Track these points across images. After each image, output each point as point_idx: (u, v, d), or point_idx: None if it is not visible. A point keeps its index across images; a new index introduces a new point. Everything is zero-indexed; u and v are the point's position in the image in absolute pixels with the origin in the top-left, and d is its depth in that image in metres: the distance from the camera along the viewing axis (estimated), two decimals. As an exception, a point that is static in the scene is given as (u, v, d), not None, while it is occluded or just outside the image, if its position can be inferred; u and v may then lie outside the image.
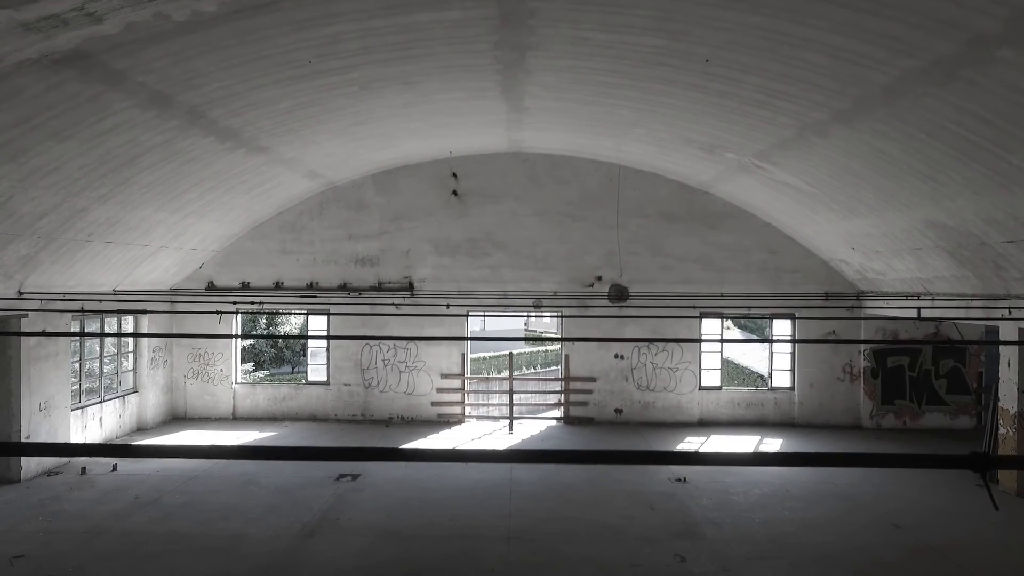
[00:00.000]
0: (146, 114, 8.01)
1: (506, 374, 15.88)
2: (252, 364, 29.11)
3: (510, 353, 16.02)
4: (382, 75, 8.81)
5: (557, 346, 21.97)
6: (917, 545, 8.36)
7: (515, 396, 15.18)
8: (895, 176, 9.22)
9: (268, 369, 31.01)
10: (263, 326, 31.62)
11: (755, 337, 46.94)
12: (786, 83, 7.85)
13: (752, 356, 34.05)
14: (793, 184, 11.69)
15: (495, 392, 16.82)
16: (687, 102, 9.47)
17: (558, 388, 15.65)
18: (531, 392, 16.85)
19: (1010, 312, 10.52)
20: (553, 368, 30.86)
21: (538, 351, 49.95)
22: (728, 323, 59.93)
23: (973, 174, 7.99)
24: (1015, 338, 10.42)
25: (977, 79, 6.23)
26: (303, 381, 16.01)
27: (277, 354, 31.95)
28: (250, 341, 29.17)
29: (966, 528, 8.98)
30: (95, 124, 7.75)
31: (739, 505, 9.76)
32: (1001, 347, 10.80)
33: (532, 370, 38.98)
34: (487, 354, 41.86)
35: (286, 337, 11.66)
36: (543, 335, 61.82)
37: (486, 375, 31.66)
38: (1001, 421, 10.68)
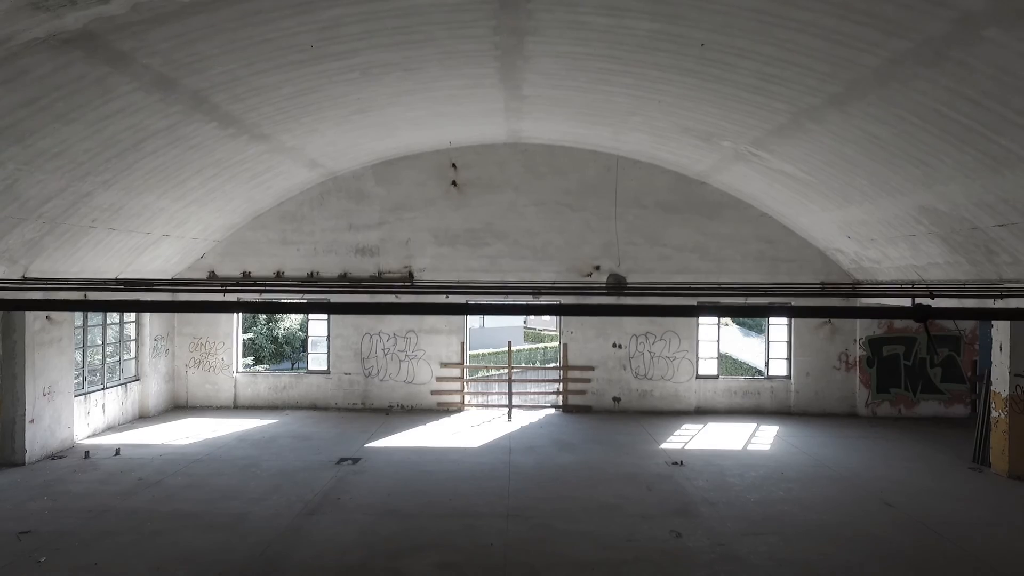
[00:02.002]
0: (150, 98, 8.14)
1: (505, 368, 16.00)
2: (252, 359, 29.21)
3: (508, 343, 16.15)
4: (383, 61, 8.93)
5: (556, 343, 22.12)
6: (908, 521, 8.50)
7: (514, 389, 15.31)
8: (888, 161, 9.35)
9: (267, 364, 31.12)
10: (263, 322, 31.75)
11: (753, 333, 47.17)
12: (780, 67, 7.97)
13: (750, 351, 34.32)
14: (788, 172, 11.82)
15: (494, 380, 16.96)
16: (683, 88, 9.60)
17: (556, 377, 15.78)
18: (530, 381, 16.96)
19: (1002, 296, 10.67)
20: (552, 365, 31.03)
21: (537, 348, 50.21)
22: (727, 320, 60.28)
23: (964, 157, 8.12)
24: (1007, 323, 10.56)
25: (966, 60, 6.35)
26: (304, 370, 16.14)
27: (277, 350, 32.05)
28: (250, 335, 29.26)
29: (956, 507, 9.12)
30: (100, 107, 7.87)
31: (734, 486, 9.89)
32: (993, 333, 10.93)
33: (532, 366, 39.18)
34: (487, 350, 42.05)
35: (289, 290, 11.66)
36: (542, 332, 62.02)
37: (486, 370, 31.79)
38: (994, 405, 10.82)
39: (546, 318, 68.00)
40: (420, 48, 8.63)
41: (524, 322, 68.58)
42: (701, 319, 15.52)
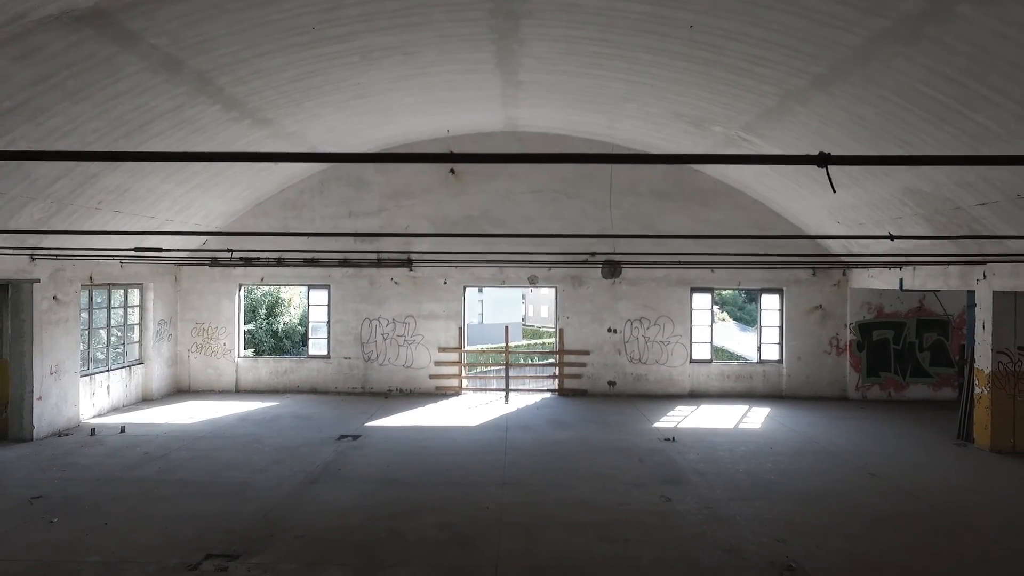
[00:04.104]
0: (157, 78, 8.39)
1: (503, 362, 16.28)
2: (252, 352, 29.43)
3: (506, 328, 16.44)
4: (382, 44, 9.19)
5: (553, 339, 22.47)
6: (891, 489, 8.80)
7: (511, 374, 15.58)
8: (873, 142, 9.62)
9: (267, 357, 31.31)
10: (263, 316, 32.00)
11: (749, 328, 47.49)
12: (767, 48, 8.24)
13: (747, 345, 34.80)
14: (779, 157, 12.08)
15: (492, 364, 17.22)
16: (675, 72, 9.87)
17: (553, 361, 16.05)
18: (526, 365, 17.24)
19: (985, 277, 10.97)
20: (550, 361, 31.26)
21: (535, 343, 50.55)
22: (724, 315, 60.23)
23: (944, 136, 8.40)
24: (990, 301, 10.85)
25: (941, 37, 6.63)
26: (304, 355, 16.42)
27: (277, 344, 32.33)
28: (250, 326, 29.46)
29: (939, 477, 9.41)
30: (109, 87, 8.12)
31: (724, 459, 10.18)
32: (977, 312, 11.21)
33: (530, 353, 39.61)
34: (485, 346, 42.38)
35: (299, 235, 11.81)
36: (541, 328, 62.29)
37: (485, 375, 32.05)
38: (977, 382, 11.11)
39: (544, 314, 68.37)
40: (419, 31, 8.89)
41: (523, 319, 68.96)
42: (695, 305, 15.80)
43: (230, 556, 6.56)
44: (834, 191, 3.44)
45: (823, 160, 2.62)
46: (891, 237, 6.01)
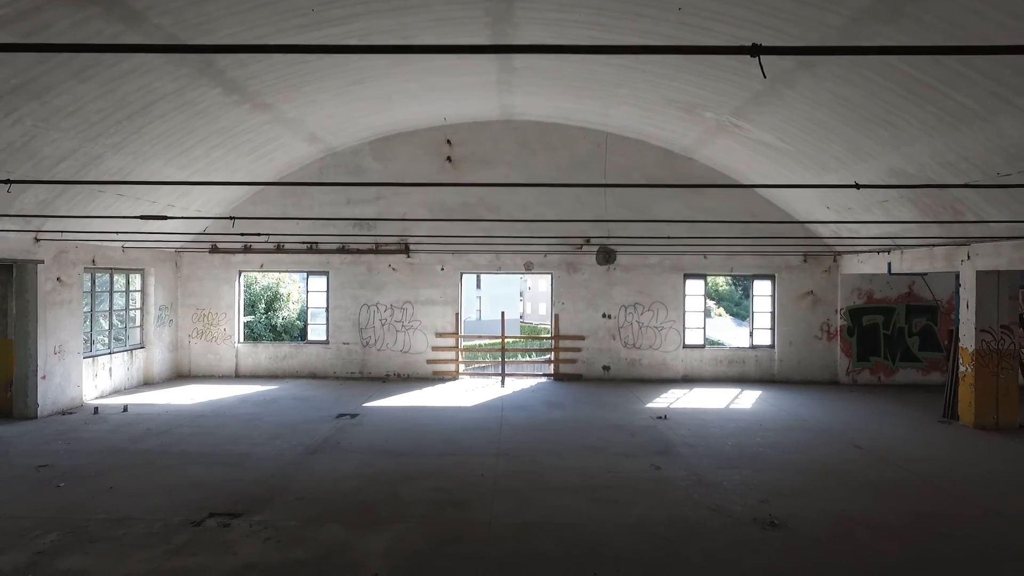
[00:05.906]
0: (160, 58, 8.61)
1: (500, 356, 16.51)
2: (251, 342, 29.56)
3: (502, 313, 16.67)
4: (380, 27, 9.40)
5: (549, 335, 22.69)
6: (873, 459, 9.05)
7: (507, 362, 15.79)
8: (858, 123, 9.86)
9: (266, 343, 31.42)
10: (262, 310, 32.18)
11: (746, 324, 47.80)
12: (753, 30, 8.46)
13: (743, 339, 35.05)
14: (768, 142, 12.34)
15: (488, 350, 17.45)
16: (665, 57, 10.11)
17: (549, 347, 16.28)
18: (521, 350, 17.46)
19: (969, 257, 11.23)
20: (547, 357, 31.43)
21: (532, 339, 50.68)
22: (720, 310, 60.24)
23: (926, 116, 8.64)
24: (973, 281, 11.10)
25: (920, 15, 6.86)
26: (303, 341, 16.64)
27: (275, 338, 32.52)
28: (249, 318, 29.64)
29: (921, 449, 9.67)
30: (113, 66, 8.34)
31: (715, 434, 10.43)
32: (961, 291, 11.46)
33: (527, 358, 39.79)
34: (482, 341, 42.49)
35: (300, 184, 12.03)
36: (539, 326, 62.46)
37: (482, 361, 32.27)
38: (961, 360, 11.36)
39: (542, 311, 68.53)
40: (416, 14, 9.12)
41: (520, 316, 69.13)
42: (688, 291, 16.04)
43: (232, 515, 6.79)
44: (764, 76, 3.69)
45: (756, 50, 2.88)
46: (856, 186, 6.23)
